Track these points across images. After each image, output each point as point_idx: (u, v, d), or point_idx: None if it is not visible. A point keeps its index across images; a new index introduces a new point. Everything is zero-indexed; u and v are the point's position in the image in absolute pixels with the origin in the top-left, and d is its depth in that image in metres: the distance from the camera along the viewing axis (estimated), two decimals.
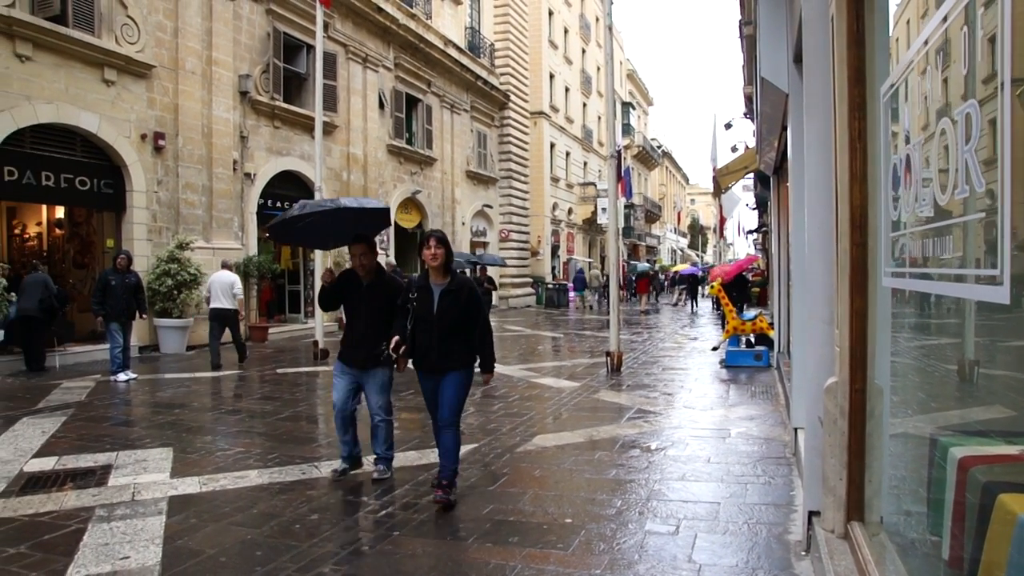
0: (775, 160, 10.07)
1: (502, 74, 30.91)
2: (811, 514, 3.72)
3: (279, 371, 11.39)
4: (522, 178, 32.53)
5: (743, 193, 28.22)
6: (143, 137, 13.62)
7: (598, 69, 44.97)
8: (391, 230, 22.28)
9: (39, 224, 15.09)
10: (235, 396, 9.50)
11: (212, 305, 11.73)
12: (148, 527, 4.38)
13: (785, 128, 6.90)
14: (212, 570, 3.81)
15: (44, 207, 14.56)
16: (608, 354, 11.18)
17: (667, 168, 71.36)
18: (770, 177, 12.06)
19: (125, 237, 13.51)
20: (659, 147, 62.87)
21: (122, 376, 10.30)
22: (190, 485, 5.25)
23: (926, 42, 2.22)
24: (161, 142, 13.93)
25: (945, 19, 2.03)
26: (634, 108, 52.47)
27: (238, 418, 7.86)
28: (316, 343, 12.71)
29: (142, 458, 6.01)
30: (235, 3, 15.84)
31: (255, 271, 15.85)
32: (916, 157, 2.35)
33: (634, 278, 35.37)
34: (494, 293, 21.07)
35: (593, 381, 10.15)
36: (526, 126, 33.07)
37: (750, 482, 5.23)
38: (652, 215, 58.79)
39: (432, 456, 6.01)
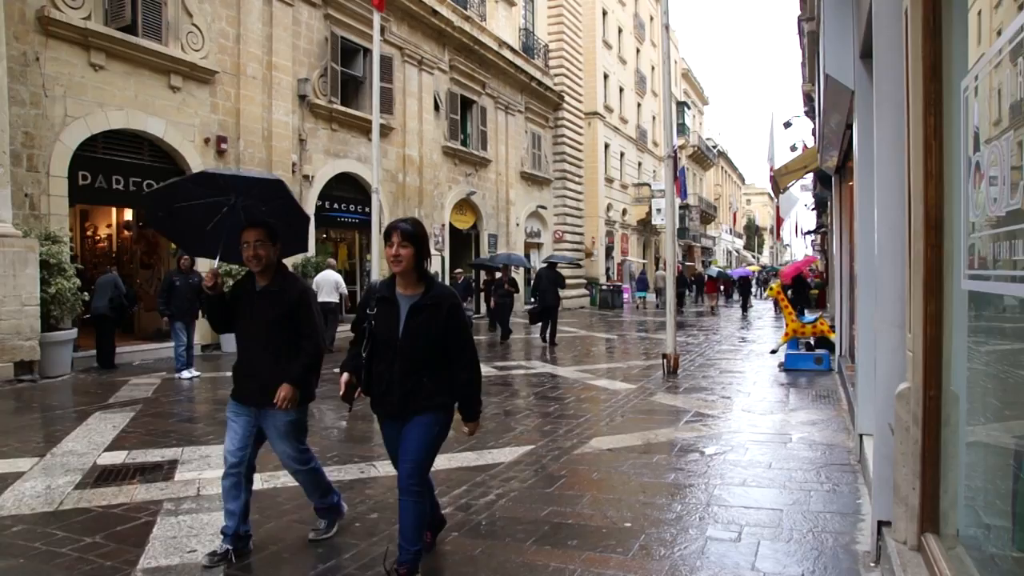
0: (837, 159, 9.82)
1: (556, 75, 30.88)
2: (880, 524, 3.60)
3: (335, 371, 11.54)
4: (576, 179, 32.45)
5: (801, 193, 27.66)
6: (206, 141, 14.00)
7: (652, 68, 44.61)
8: (446, 231, 22.45)
9: (109, 226, 15.64)
10: None
11: (319, 299, 12.23)
12: (213, 522, 4.48)
13: (850, 126, 6.72)
14: (274, 565, 3.87)
15: (114, 209, 15.08)
16: (664, 356, 11.05)
17: (722, 168, 70.36)
18: (831, 176, 11.78)
19: None
20: (714, 147, 62.04)
21: (186, 374, 10.59)
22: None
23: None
24: (223, 146, 14.30)
25: None
26: (689, 107, 51.89)
27: None
28: None
29: (206, 454, 6.16)
30: (294, 9, 16.16)
31: (312, 271, 16.09)
32: (1004, 150, 2.25)
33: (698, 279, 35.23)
34: (515, 296, 18.69)
35: (649, 383, 10.05)
36: (580, 127, 32.98)
37: (813, 489, 5.11)
38: (707, 216, 58.02)
39: (490, 456, 6.04)
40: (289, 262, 14.56)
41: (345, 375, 3.67)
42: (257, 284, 3.97)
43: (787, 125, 22.24)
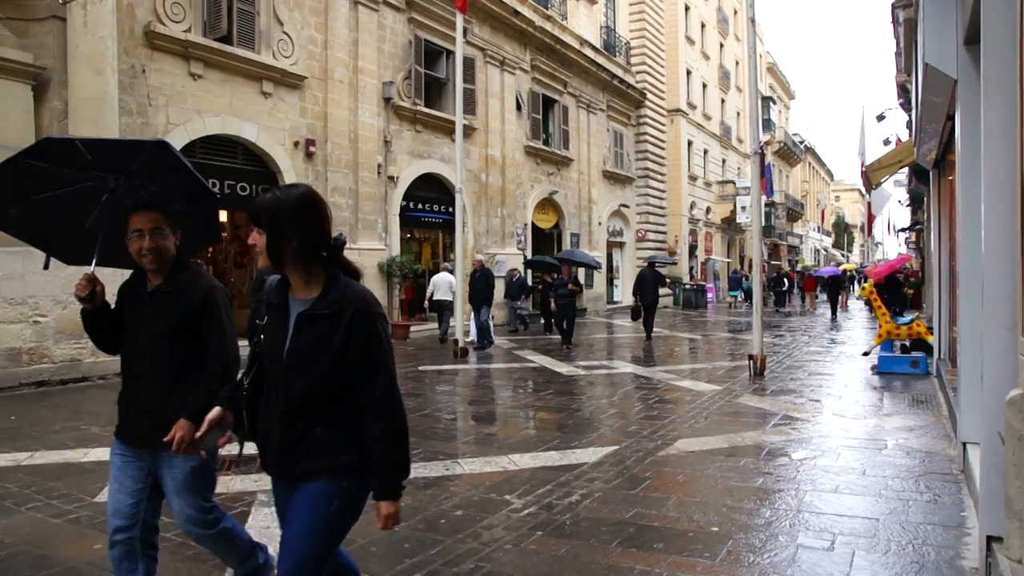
0: (936, 152, 9.37)
1: (638, 72, 30.55)
2: (990, 539, 3.41)
3: (420, 368, 11.74)
4: (659, 177, 32.03)
5: (895, 189, 26.58)
6: (296, 144, 14.45)
7: (736, 63, 43.61)
8: (528, 231, 22.52)
9: None
10: None
11: (436, 297, 15.91)
12: None
13: (951, 118, 6.40)
14: (363, 559, 3.94)
15: None
16: (751, 357, 10.78)
17: (810, 164, 68.16)
18: (929, 171, 11.24)
19: None
20: (801, 142, 60.19)
21: None
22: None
23: None
24: (312, 148, 14.74)
25: None
26: (775, 103, 50.49)
27: None
28: (456, 341, 13.00)
29: None
30: (379, 14, 16.50)
31: (397, 271, 16.43)
32: None
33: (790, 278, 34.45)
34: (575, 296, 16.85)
35: (735, 385, 9.83)
36: (663, 124, 32.54)
37: (912, 499, 4.88)
38: (794, 213, 56.32)
39: (574, 456, 6.03)
40: (373, 261, 15.04)
41: (214, 411, 2.62)
42: (148, 284, 2.94)
43: (880, 118, 21.39)
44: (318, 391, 2.33)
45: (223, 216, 15.82)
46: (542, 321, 19.26)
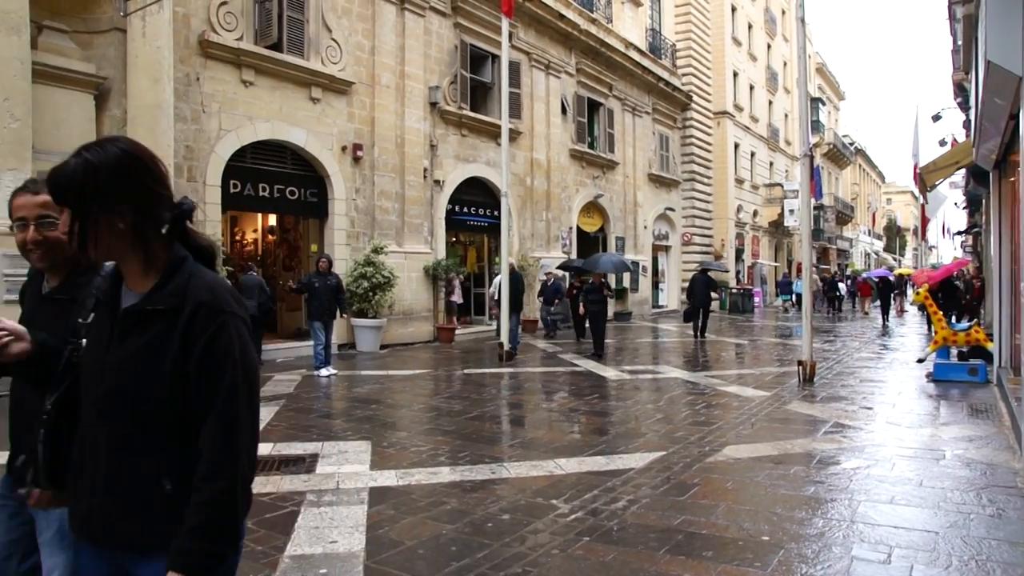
0: (998, 153, 9.08)
1: (684, 74, 30.29)
2: None
3: (466, 371, 11.78)
4: (705, 180, 31.69)
5: (950, 191, 25.89)
6: (343, 149, 14.65)
7: (784, 64, 42.92)
8: (574, 234, 22.46)
9: (255, 231, 16.62)
10: (426, 394, 9.92)
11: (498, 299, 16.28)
12: (352, 515, 4.65)
13: (1015, 116, 6.20)
14: (411, 561, 3.97)
15: (259, 215, 16.02)
16: (800, 363, 10.58)
17: (860, 166, 66.72)
18: (989, 172, 10.92)
19: (327, 242, 14.60)
20: (851, 144, 58.93)
21: (324, 372, 11.07)
22: (388, 478, 5.52)
23: None
24: (359, 153, 14.92)
25: None
26: (824, 103, 49.52)
27: (430, 416, 8.20)
28: (501, 345, 13.02)
29: (344, 449, 6.41)
30: (425, 20, 16.64)
31: (443, 274, 16.52)
32: None
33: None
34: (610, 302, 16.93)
35: (784, 391, 9.65)
36: (709, 127, 32.19)
37: (974, 512, 4.72)
38: (844, 216, 55.17)
39: (620, 461, 5.98)
40: (419, 264, 15.16)
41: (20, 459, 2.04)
42: (45, 285, 2.33)
43: (936, 118, 20.86)
44: (155, 422, 1.63)
45: (271, 219, 16.11)
46: (570, 326, 18.91)
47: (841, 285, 31.33)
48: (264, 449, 6.38)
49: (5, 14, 9.14)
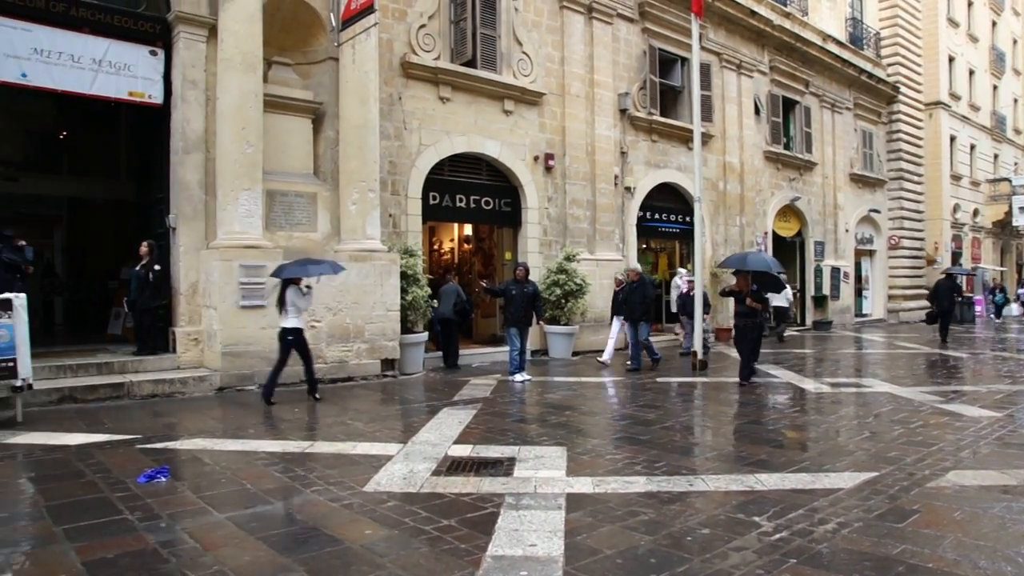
0: None
1: (889, 64, 28.05)
2: None
3: (659, 380, 11.61)
4: (915, 178, 29.10)
5: None
6: (535, 159, 15.00)
7: (1014, 42, 38.49)
8: (769, 240, 21.53)
9: (451, 240, 17.41)
10: (619, 402, 9.88)
11: (773, 304, 16.82)
12: (550, 520, 4.71)
13: None
14: (609, 570, 3.96)
15: (455, 225, 16.76)
16: None
17: None
18: None
19: (520, 250, 15.02)
20: None
21: (518, 377, 11.35)
22: (584, 485, 5.54)
23: None
24: (551, 162, 15.21)
25: None
26: None
27: (623, 424, 8.16)
28: (694, 353, 12.69)
29: (540, 454, 6.53)
30: (613, 27, 16.66)
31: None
32: None
33: None
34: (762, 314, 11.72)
35: (1019, 412, 8.63)
36: (919, 119, 29.53)
37: None
38: None
39: (827, 480, 5.63)
40: (610, 272, 15.13)
41: None
42: None
43: None
44: None
45: (467, 229, 16.80)
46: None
47: None
48: (463, 451, 6.65)
49: (244, 55, 10.30)
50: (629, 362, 12.89)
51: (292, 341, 9.23)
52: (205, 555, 4.14)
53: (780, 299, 18.10)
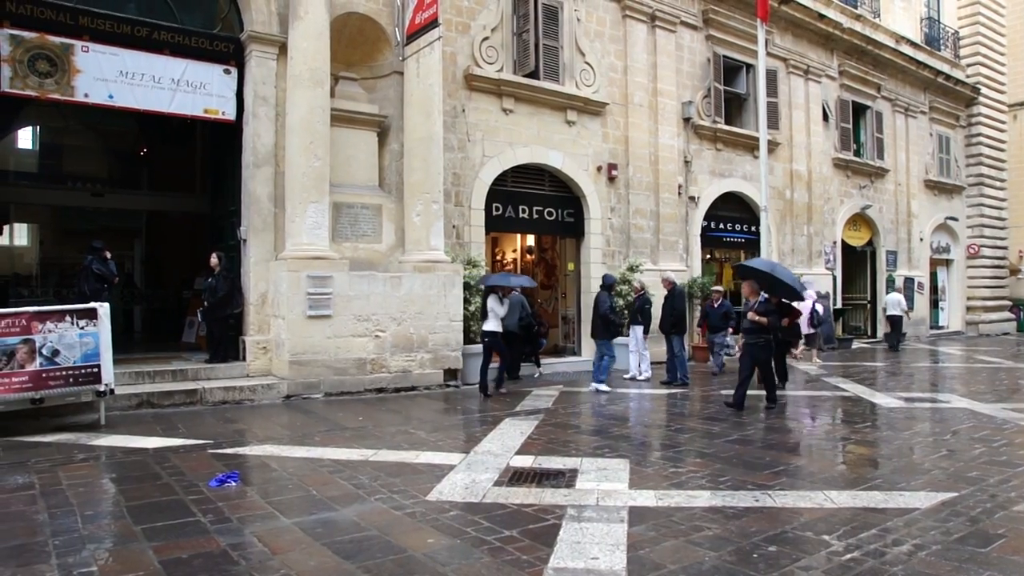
0: None
1: (969, 65, 26.99)
2: None
3: (723, 392, 11.41)
4: (997, 184, 27.90)
5: None
6: (598, 169, 14.97)
7: None
8: (838, 249, 20.97)
9: (514, 251, 17.47)
10: (683, 415, 9.74)
11: (888, 313, 19.43)
12: (612, 532, 4.68)
13: None
14: None
15: (518, 236, 16.82)
16: None
17: None
18: None
19: (583, 260, 14.99)
20: None
21: (598, 387, 11.45)
22: (647, 498, 5.49)
23: None
24: (614, 172, 15.15)
25: None
26: None
27: (687, 437, 8.04)
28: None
29: (603, 466, 6.49)
30: (676, 35, 16.51)
31: (699, 292, 16.18)
32: None
33: None
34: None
35: None
36: (1002, 122, 28.30)
37: None
38: None
39: (901, 499, 5.44)
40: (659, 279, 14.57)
41: None
42: None
43: None
44: None
45: (530, 239, 16.84)
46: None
47: None
48: (525, 462, 6.66)
49: (312, 71, 10.61)
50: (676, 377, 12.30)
51: (489, 343, 10.77)
52: (272, 559, 4.25)
53: (894, 308, 19.57)
